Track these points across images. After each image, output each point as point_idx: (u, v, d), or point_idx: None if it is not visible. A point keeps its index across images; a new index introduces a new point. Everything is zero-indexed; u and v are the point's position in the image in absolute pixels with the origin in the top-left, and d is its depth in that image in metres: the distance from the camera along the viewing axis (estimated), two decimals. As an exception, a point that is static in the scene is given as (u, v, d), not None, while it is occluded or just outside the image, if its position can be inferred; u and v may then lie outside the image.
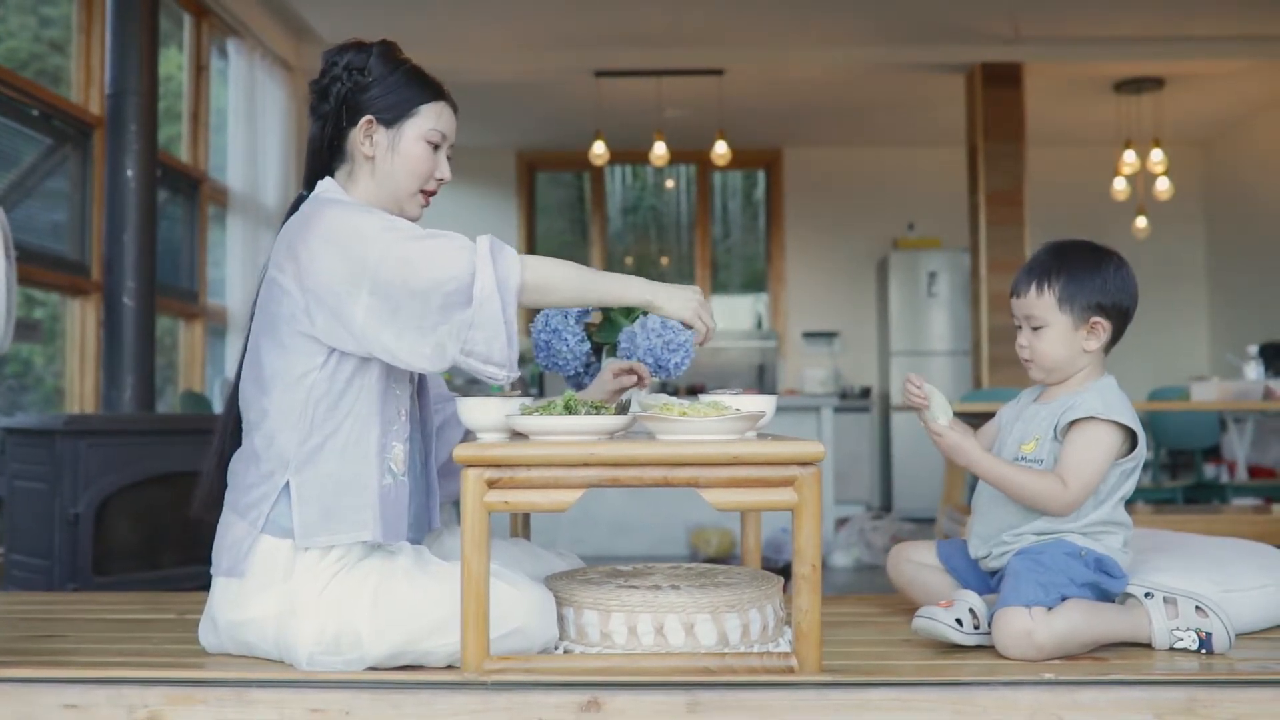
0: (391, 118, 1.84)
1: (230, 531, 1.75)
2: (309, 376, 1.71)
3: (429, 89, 1.89)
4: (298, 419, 1.72)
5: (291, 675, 1.64)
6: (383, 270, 1.64)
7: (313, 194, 1.86)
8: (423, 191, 1.89)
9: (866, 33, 6.22)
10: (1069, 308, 1.89)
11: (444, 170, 1.91)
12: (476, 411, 1.82)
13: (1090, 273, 1.89)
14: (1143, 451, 1.89)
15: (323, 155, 1.89)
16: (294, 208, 1.88)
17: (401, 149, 1.85)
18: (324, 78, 1.87)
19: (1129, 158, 7.04)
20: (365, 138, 1.84)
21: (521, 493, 1.64)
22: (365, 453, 1.72)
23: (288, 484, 1.71)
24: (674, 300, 1.81)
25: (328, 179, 1.87)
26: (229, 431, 1.87)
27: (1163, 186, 7.03)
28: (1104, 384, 1.91)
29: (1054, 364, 1.92)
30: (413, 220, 1.91)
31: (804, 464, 1.63)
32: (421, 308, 1.64)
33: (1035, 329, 1.92)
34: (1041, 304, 1.90)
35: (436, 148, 1.89)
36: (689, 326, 1.85)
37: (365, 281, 1.65)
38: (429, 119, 1.87)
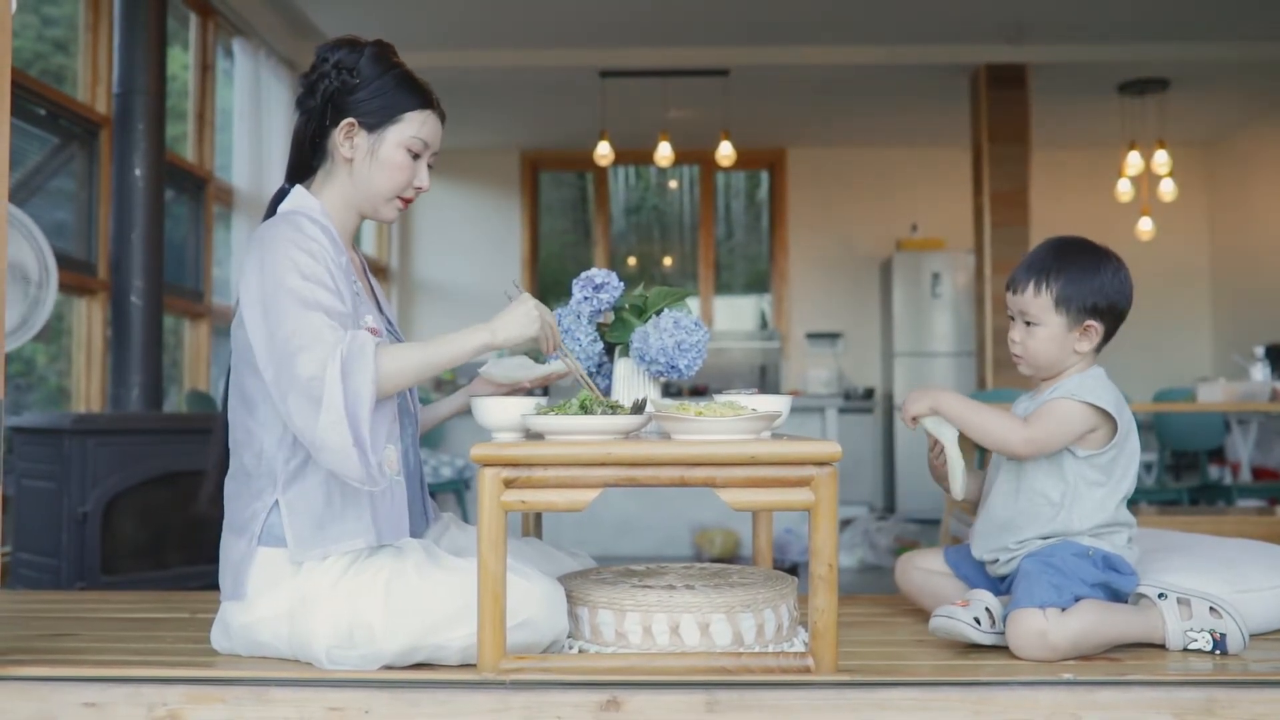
0: (374, 123, 1.82)
1: (231, 552, 1.76)
2: None
3: (416, 96, 1.85)
4: (281, 436, 1.73)
5: (310, 674, 1.64)
6: (278, 348, 1.64)
7: (278, 211, 1.85)
8: (400, 198, 1.87)
9: (871, 34, 6.22)
10: (1065, 309, 1.90)
11: (423, 179, 1.88)
12: (492, 411, 1.82)
13: (1089, 275, 1.90)
14: (1130, 440, 1.90)
15: (305, 150, 1.87)
16: (273, 205, 1.88)
17: (381, 155, 1.83)
18: (313, 73, 1.85)
19: (1133, 159, 7.04)
20: (345, 140, 1.83)
21: (538, 492, 1.64)
22: None
23: (278, 501, 1.72)
24: (509, 327, 1.76)
25: (298, 188, 1.86)
26: (228, 426, 1.86)
27: (1167, 188, 7.03)
28: (1088, 373, 1.93)
29: (1043, 363, 1.94)
30: (387, 222, 1.92)
31: (820, 464, 1.63)
32: (288, 395, 1.62)
33: (1028, 324, 1.93)
34: (1038, 303, 1.91)
35: (417, 156, 1.86)
36: (537, 344, 1.82)
37: (274, 358, 1.65)
38: (412, 127, 1.84)
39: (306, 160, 1.89)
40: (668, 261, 8.77)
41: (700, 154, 7.90)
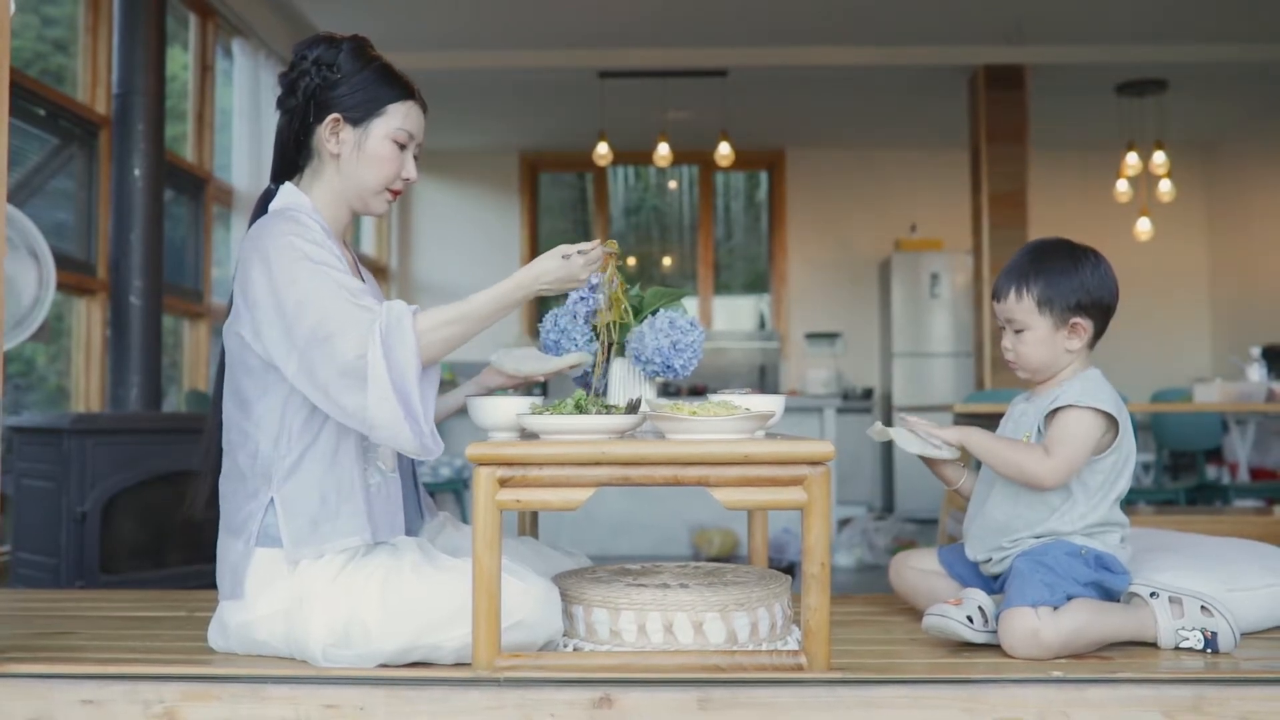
0: (359, 116, 1.83)
1: (229, 553, 1.77)
2: (281, 393, 1.72)
3: (398, 88, 1.86)
4: (276, 435, 1.73)
5: (307, 672, 1.65)
6: (303, 338, 1.64)
7: (270, 209, 1.85)
8: (389, 190, 1.88)
9: (870, 34, 6.23)
10: (1048, 310, 1.91)
11: (410, 170, 1.89)
12: (488, 411, 1.83)
13: (1067, 274, 1.91)
14: (1126, 442, 1.90)
15: (290, 150, 1.88)
16: (261, 205, 1.88)
17: (368, 148, 1.83)
18: (292, 71, 1.86)
19: (1131, 160, 7.05)
20: (331, 135, 1.83)
21: (533, 491, 1.65)
22: (348, 457, 1.73)
23: (273, 500, 1.72)
24: (552, 272, 1.73)
25: (287, 186, 1.87)
26: (219, 428, 1.87)
27: (1165, 189, 7.04)
28: (1086, 375, 1.93)
29: (1037, 365, 1.95)
30: (377, 214, 1.93)
31: (813, 463, 1.64)
32: (330, 381, 1.62)
33: (1017, 332, 1.94)
34: (1021, 308, 1.93)
35: (403, 147, 1.87)
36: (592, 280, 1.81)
37: (296, 348, 1.65)
38: (397, 118, 1.85)
39: (292, 159, 1.89)
40: (667, 262, 8.78)
41: (699, 154, 7.92)
